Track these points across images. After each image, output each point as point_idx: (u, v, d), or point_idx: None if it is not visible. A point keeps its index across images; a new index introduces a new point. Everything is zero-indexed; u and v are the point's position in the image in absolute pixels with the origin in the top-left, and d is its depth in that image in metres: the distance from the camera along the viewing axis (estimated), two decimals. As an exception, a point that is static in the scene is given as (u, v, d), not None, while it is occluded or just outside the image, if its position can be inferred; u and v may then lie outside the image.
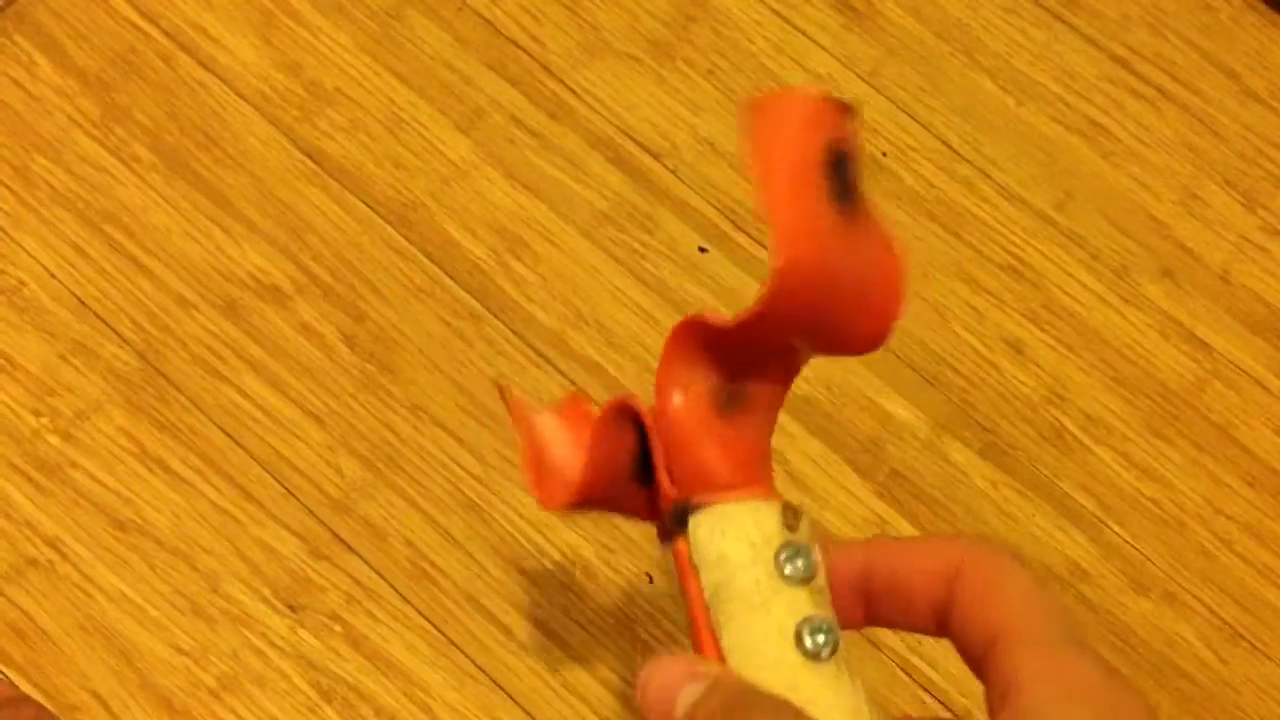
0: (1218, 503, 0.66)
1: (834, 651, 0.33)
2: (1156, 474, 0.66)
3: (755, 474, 0.35)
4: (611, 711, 0.60)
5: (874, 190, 0.69)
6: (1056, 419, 0.67)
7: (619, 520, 0.63)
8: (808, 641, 0.32)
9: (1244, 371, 0.68)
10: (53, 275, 0.65)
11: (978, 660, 0.32)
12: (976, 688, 0.32)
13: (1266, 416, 0.67)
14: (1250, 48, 0.75)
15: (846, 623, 0.34)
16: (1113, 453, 0.66)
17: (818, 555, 0.34)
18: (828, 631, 0.32)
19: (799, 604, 0.33)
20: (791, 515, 0.34)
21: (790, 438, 0.65)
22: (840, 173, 0.32)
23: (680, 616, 0.62)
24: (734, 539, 0.34)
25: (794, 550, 0.33)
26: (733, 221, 0.70)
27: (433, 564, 0.62)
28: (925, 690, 0.61)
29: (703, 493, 0.35)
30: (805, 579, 0.33)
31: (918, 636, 0.62)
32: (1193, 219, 0.71)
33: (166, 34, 0.71)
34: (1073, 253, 0.70)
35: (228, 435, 0.63)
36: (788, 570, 0.33)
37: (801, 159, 0.32)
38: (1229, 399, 0.67)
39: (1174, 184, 0.72)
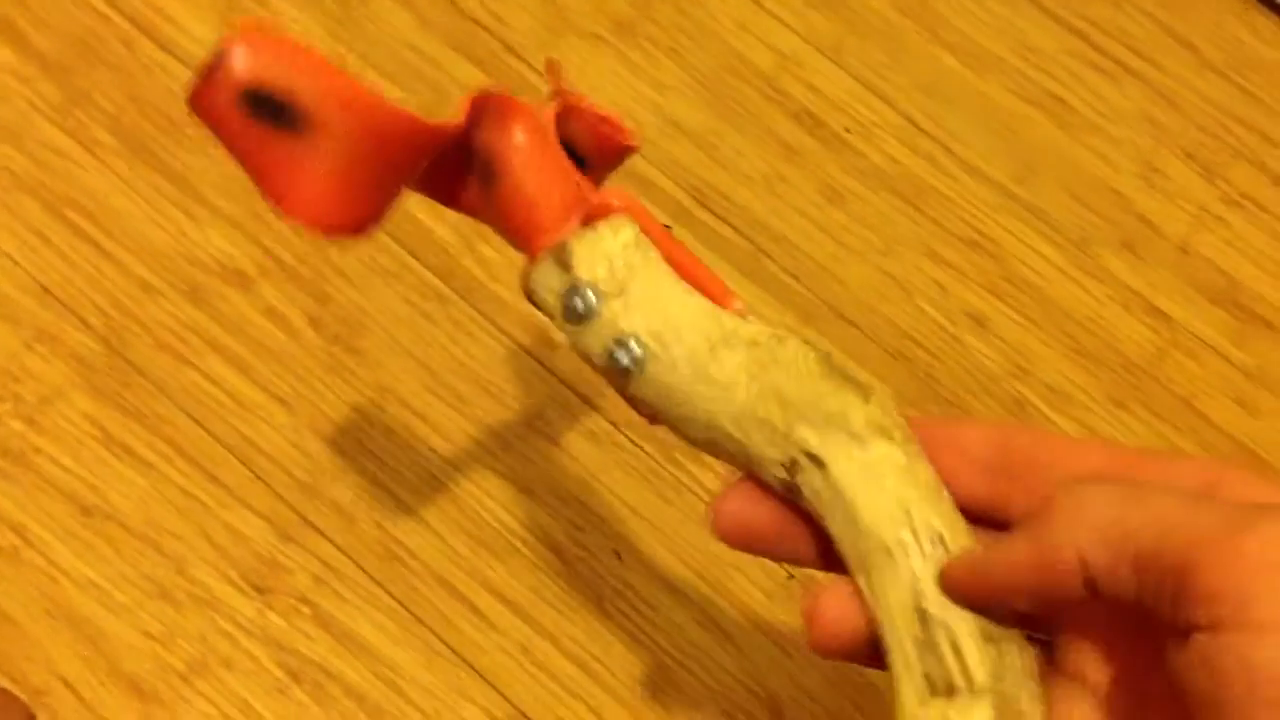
0: (1179, 472, 0.66)
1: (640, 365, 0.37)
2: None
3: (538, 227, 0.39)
4: (581, 688, 0.60)
5: (838, 165, 0.70)
6: (1019, 391, 0.67)
7: (588, 500, 0.63)
8: (621, 357, 0.37)
9: (1204, 342, 0.69)
10: (15, 262, 0.65)
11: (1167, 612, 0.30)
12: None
13: (1225, 386, 0.68)
14: (1209, 20, 0.76)
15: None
16: (1075, 424, 0.67)
17: (601, 285, 0.37)
18: (630, 347, 0.37)
19: (605, 331, 0.37)
20: (561, 253, 0.38)
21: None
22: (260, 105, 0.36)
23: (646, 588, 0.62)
24: (544, 293, 0.38)
25: (576, 294, 0.37)
26: (697, 199, 0.70)
27: (401, 544, 0.62)
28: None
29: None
30: (581, 314, 0.37)
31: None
32: (1152, 191, 0.72)
33: (127, 17, 0.70)
34: (1034, 226, 0.71)
35: (193, 419, 0.63)
36: (569, 315, 0.37)
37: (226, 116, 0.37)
38: (1189, 369, 0.68)
39: (1134, 156, 0.73)
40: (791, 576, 0.62)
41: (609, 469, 0.64)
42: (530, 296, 0.39)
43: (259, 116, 0.37)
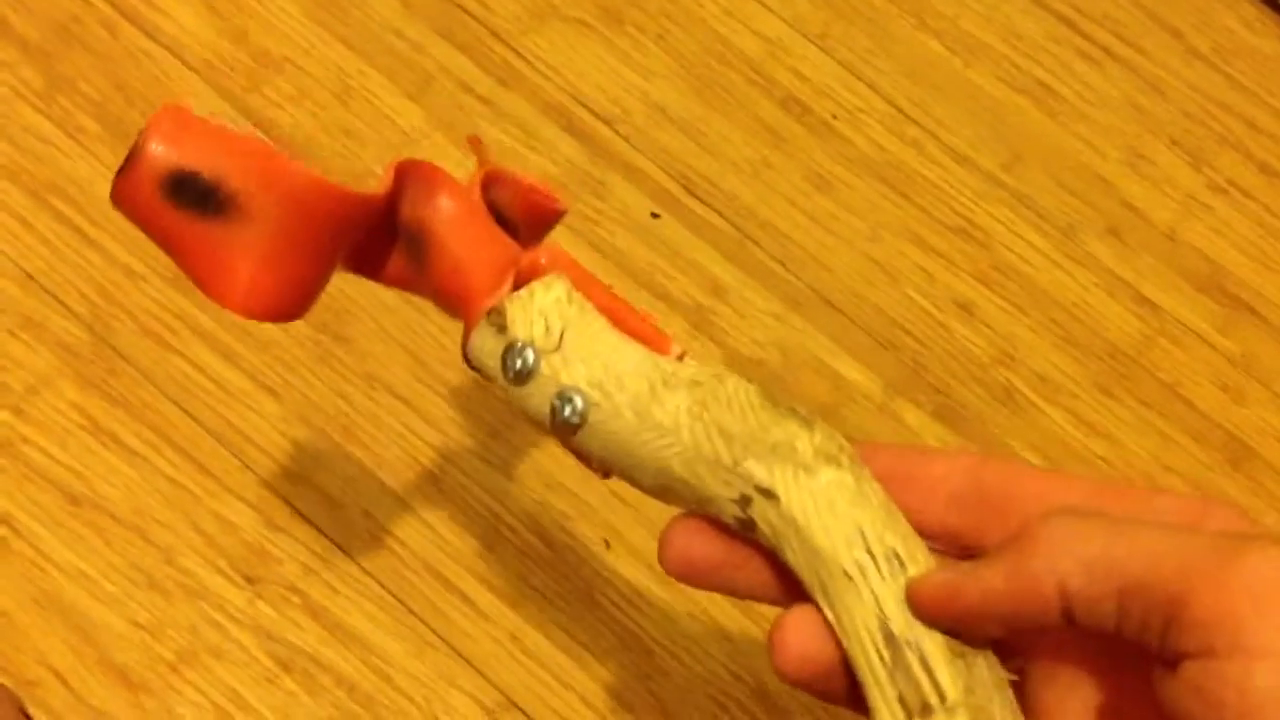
0: (1165, 459, 0.67)
1: (582, 419, 0.36)
2: (1105, 432, 0.67)
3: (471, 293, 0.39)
4: (571, 677, 0.60)
5: (825, 152, 0.70)
6: (1007, 379, 0.67)
7: (577, 489, 0.63)
8: (564, 410, 0.37)
9: (1190, 329, 0.69)
10: (-2, 249, 0.65)
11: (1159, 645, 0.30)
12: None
13: (1212, 373, 0.68)
14: (1195, 7, 0.76)
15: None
16: (1062, 411, 0.67)
17: (541, 344, 0.37)
18: (572, 400, 0.36)
19: (546, 388, 0.37)
20: (496, 316, 0.38)
21: (744, 401, 0.66)
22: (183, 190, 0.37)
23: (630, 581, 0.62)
24: (484, 358, 0.39)
25: (514, 354, 0.37)
26: (684, 186, 0.70)
27: (390, 533, 0.62)
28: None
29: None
30: (525, 374, 0.37)
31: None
32: (1139, 178, 0.72)
33: (109, 3, 0.70)
34: (1021, 213, 0.71)
35: (180, 408, 0.63)
36: (510, 375, 0.37)
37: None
38: (1175, 356, 0.69)
39: (1120, 143, 0.73)
40: (781, 564, 0.63)
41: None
42: (471, 364, 0.40)
43: (183, 203, 0.37)
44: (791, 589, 0.36)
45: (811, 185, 0.70)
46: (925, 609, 0.33)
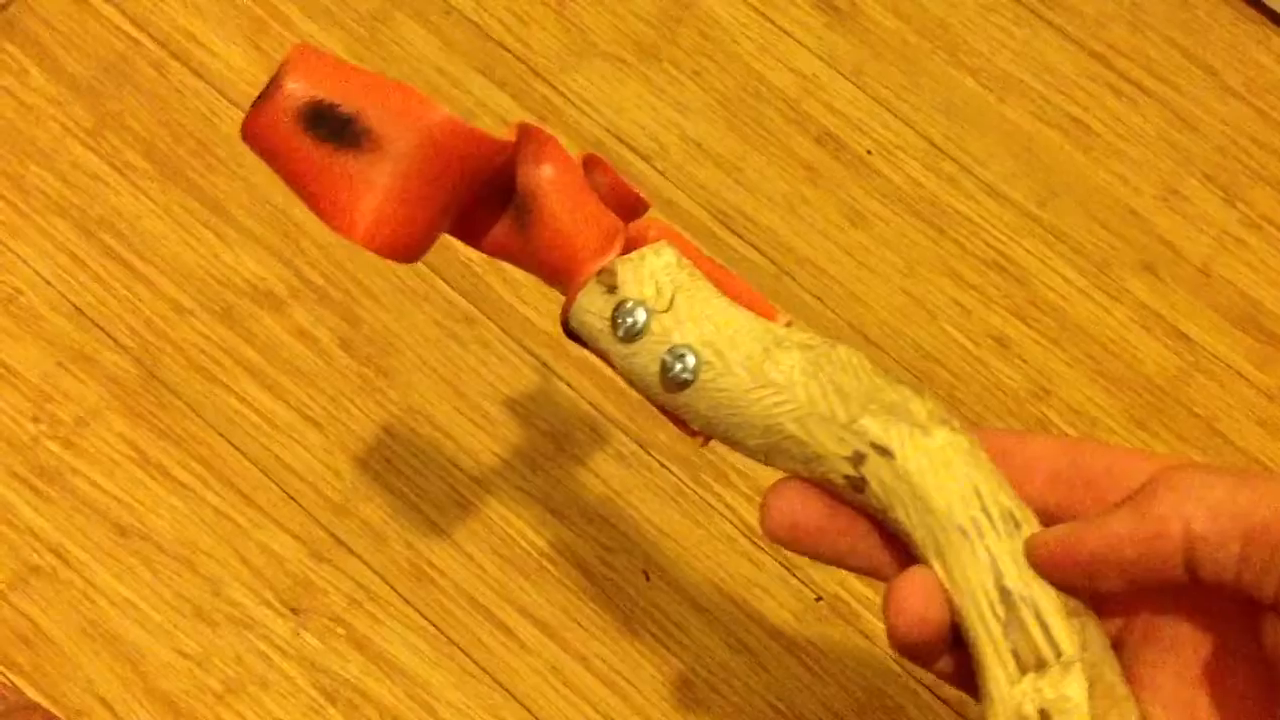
0: (1201, 493, 0.67)
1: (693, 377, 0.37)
2: (1141, 465, 0.67)
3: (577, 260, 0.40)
4: (611, 708, 0.61)
5: (860, 187, 0.71)
6: (1042, 413, 0.68)
7: (616, 521, 0.64)
8: (676, 368, 0.37)
9: (1225, 364, 0.69)
10: (49, 283, 0.66)
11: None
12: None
13: (1247, 408, 0.69)
14: (1227, 43, 0.77)
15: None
16: (1098, 445, 0.67)
17: (654, 301, 0.38)
18: (684, 358, 0.37)
19: (656, 346, 0.37)
20: (607, 276, 0.38)
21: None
22: (319, 121, 0.37)
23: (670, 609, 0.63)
24: (591, 319, 0.39)
25: (625, 313, 0.37)
26: (721, 221, 0.70)
27: (432, 565, 0.63)
28: (920, 683, 0.62)
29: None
30: (635, 333, 0.37)
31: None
32: (1173, 213, 0.73)
33: (157, 41, 0.71)
34: (1055, 248, 0.71)
35: (227, 440, 0.64)
36: (620, 332, 0.37)
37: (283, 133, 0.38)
38: (1211, 391, 0.69)
39: (1154, 179, 0.73)
40: (819, 599, 0.63)
41: (637, 490, 0.64)
42: (573, 327, 0.40)
43: (320, 134, 0.38)
44: (893, 557, 0.36)
45: (847, 220, 0.71)
46: (1046, 560, 0.33)
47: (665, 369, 0.37)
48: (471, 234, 0.42)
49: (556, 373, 0.66)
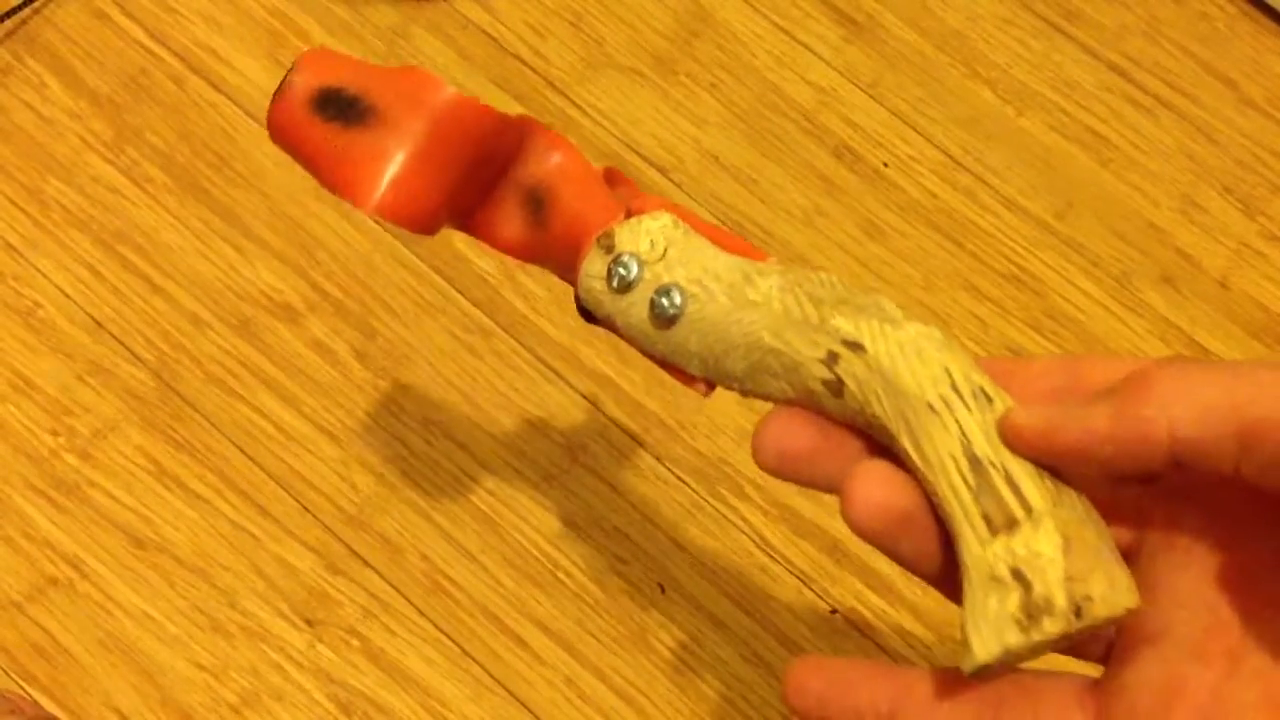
0: (1220, 507, 0.66)
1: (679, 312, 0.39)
2: (1160, 479, 0.67)
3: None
4: (626, 721, 0.61)
5: (877, 200, 0.70)
6: (1060, 426, 0.67)
7: (631, 533, 0.64)
8: (663, 304, 0.39)
9: (1245, 377, 0.69)
10: (68, 296, 0.66)
11: None
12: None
13: (1267, 421, 0.68)
14: (1247, 56, 0.76)
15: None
16: (1116, 459, 0.67)
17: (645, 255, 0.39)
18: (670, 294, 0.39)
19: (646, 290, 0.39)
20: (605, 239, 0.40)
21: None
22: (328, 104, 0.41)
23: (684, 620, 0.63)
24: (592, 281, 0.41)
25: (619, 264, 0.40)
26: (738, 234, 0.70)
27: (447, 577, 0.63)
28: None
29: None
30: (628, 282, 0.40)
31: (928, 642, 0.63)
32: (1192, 226, 0.72)
33: (177, 55, 0.71)
34: (1073, 260, 0.71)
35: (243, 452, 0.64)
36: (614, 284, 0.40)
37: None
38: (1230, 404, 0.68)
39: (1173, 191, 0.73)
40: (835, 611, 0.63)
41: (652, 503, 0.64)
42: (581, 299, 0.41)
43: (327, 115, 0.41)
44: None
45: (864, 233, 0.71)
46: (1019, 440, 0.33)
47: (654, 307, 0.39)
48: (492, 235, 0.43)
49: (572, 385, 0.66)
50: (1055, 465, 0.33)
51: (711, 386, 0.40)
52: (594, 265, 0.40)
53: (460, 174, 0.42)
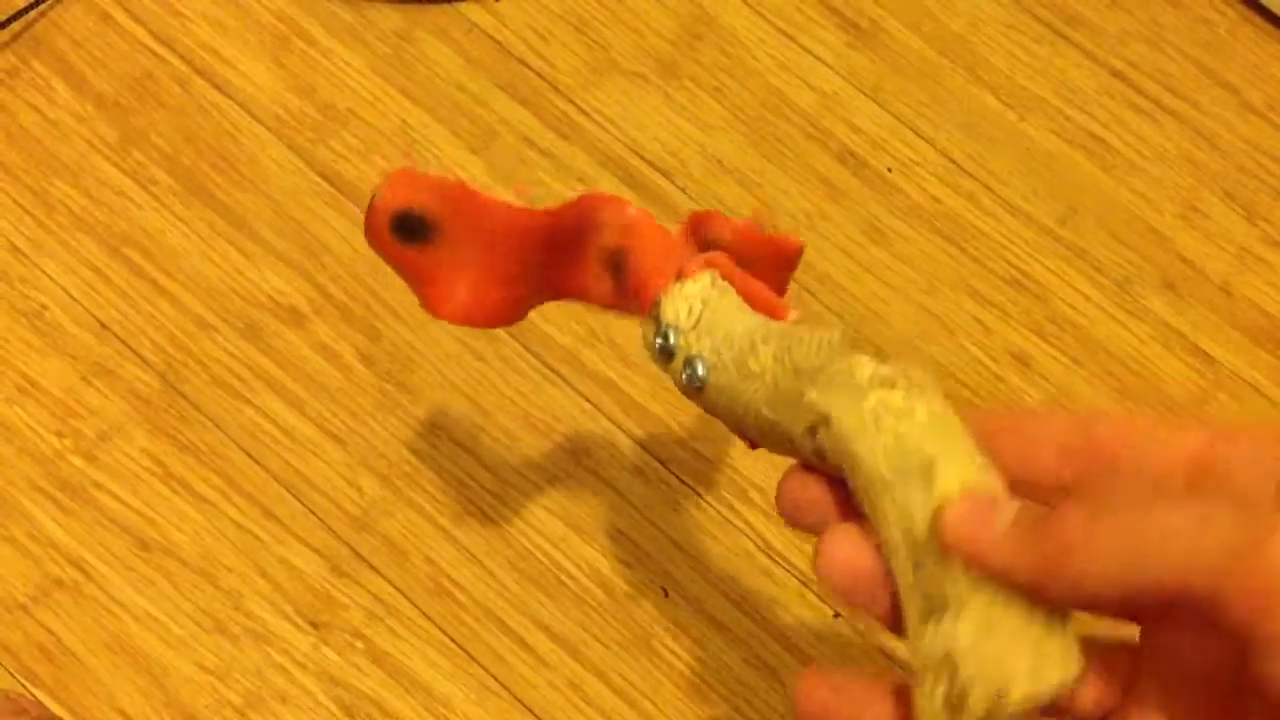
0: (1222, 512, 0.67)
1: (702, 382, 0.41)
2: (1162, 484, 0.67)
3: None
4: (630, 724, 0.61)
5: (880, 204, 0.71)
6: (1063, 430, 0.68)
7: (636, 537, 0.64)
8: (690, 375, 0.41)
9: (1247, 383, 0.69)
10: (73, 298, 0.66)
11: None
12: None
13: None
14: (1248, 61, 0.77)
15: None
16: (1119, 463, 0.67)
17: (677, 322, 0.41)
18: (695, 366, 0.41)
19: (681, 359, 0.42)
20: (655, 309, 0.42)
21: (801, 452, 0.66)
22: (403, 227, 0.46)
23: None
24: (647, 348, 0.43)
25: (661, 336, 0.42)
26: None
27: (452, 580, 0.63)
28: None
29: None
30: (669, 352, 0.42)
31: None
32: (1194, 231, 0.73)
33: (182, 58, 0.72)
34: (1076, 266, 0.71)
35: (248, 455, 0.64)
36: (659, 354, 0.42)
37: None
38: (1233, 410, 0.69)
39: (1175, 197, 0.73)
40: (838, 615, 0.63)
41: (657, 506, 0.64)
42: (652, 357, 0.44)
43: (404, 237, 0.47)
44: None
45: (867, 237, 0.71)
46: (944, 538, 0.33)
47: (685, 377, 0.41)
48: (590, 298, 0.47)
49: (577, 388, 0.66)
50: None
51: (753, 445, 0.42)
52: (647, 335, 0.43)
53: (527, 272, 0.47)
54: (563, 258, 0.46)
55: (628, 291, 0.45)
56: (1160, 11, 0.77)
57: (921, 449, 0.34)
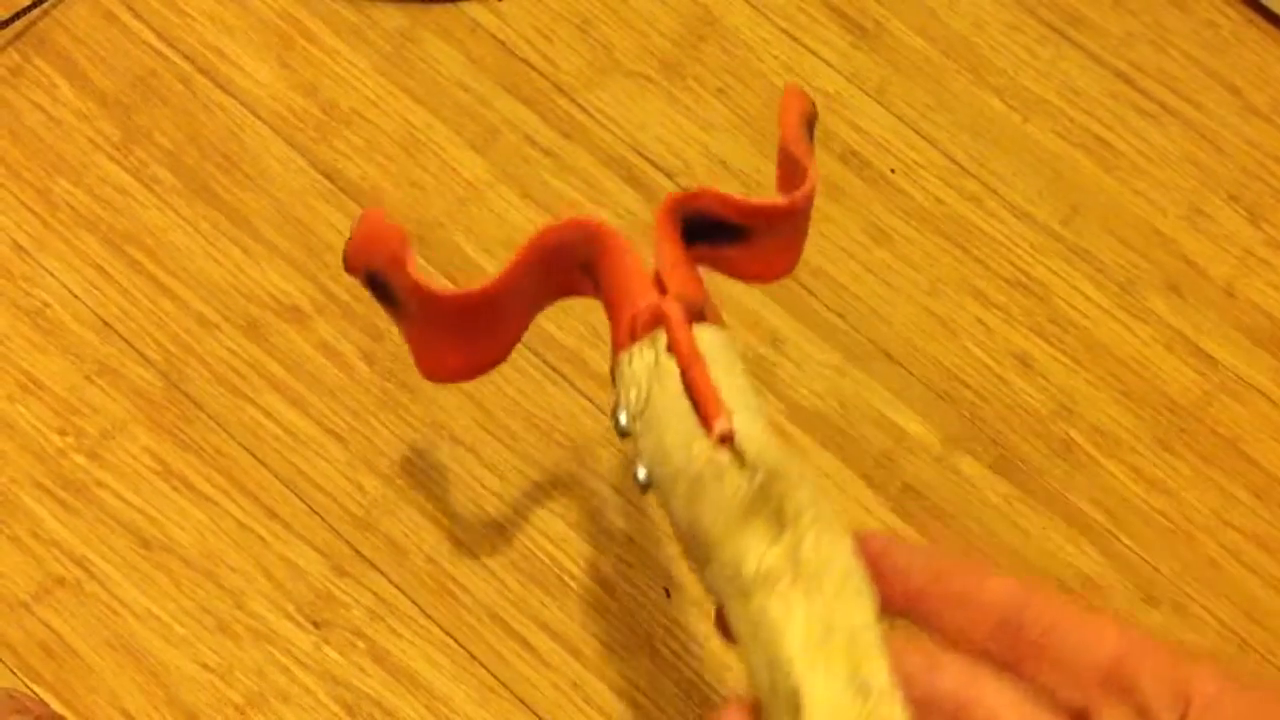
0: (1226, 515, 0.67)
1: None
2: (1165, 486, 0.67)
3: None
4: (631, 724, 0.61)
5: (883, 205, 0.71)
6: (1065, 432, 0.68)
7: (638, 538, 0.64)
8: (636, 476, 0.41)
9: (1250, 384, 0.69)
10: (76, 296, 0.66)
11: None
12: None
13: (1273, 429, 0.68)
14: (1252, 63, 0.77)
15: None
16: (1122, 466, 0.67)
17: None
18: (638, 472, 0.41)
19: (631, 452, 0.41)
20: (615, 367, 0.43)
21: (802, 451, 0.66)
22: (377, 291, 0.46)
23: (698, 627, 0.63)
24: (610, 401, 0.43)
25: (617, 412, 0.42)
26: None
27: (454, 579, 0.63)
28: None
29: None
30: (623, 433, 0.42)
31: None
32: (1197, 233, 0.72)
33: (185, 57, 0.72)
34: (1079, 267, 0.71)
35: (250, 454, 0.64)
36: (617, 429, 0.42)
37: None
38: (1235, 412, 0.69)
39: (1178, 199, 0.73)
40: (840, 615, 0.63)
41: (657, 507, 0.64)
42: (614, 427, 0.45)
43: (377, 296, 0.47)
44: None
45: (870, 238, 0.71)
46: None
47: (634, 476, 0.41)
48: (582, 293, 0.48)
49: (578, 388, 0.66)
50: None
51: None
52: (612, 398, 0.43)
53: (508, 319, 0.48)
54: (542, 285, 0.47)
55: (604, 298, 0.45)
56: (1164, 14, 0.77)
57: (790, 676, 0.33)
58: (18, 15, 0.71)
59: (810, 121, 0.50)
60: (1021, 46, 0.76)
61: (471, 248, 0.69)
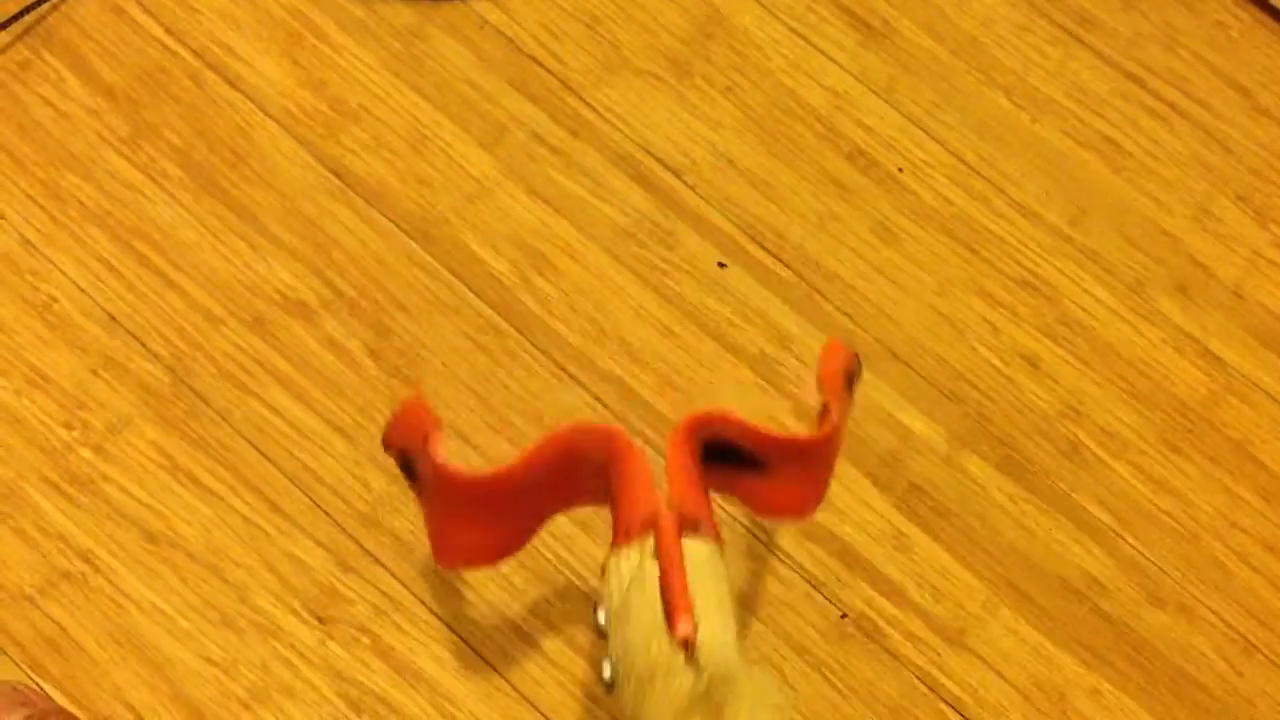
0: (1232, 516, 0.66)
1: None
2: (1172, 488, 0.67)
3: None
4: (635, 722, 0.61)
5: (891, 205, 0.70)
6: (1073, 433, 0.68)
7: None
8: (604, 674, 0.44)
9: (1258, 386, 0.69)
10: (84, 291, 0.66)
11: None
12: (995, 697, 0.33)
13: (1280, 431, 0.68)
14: (1261, 64, 0.76)
15: None
16: (1129, 467, 0.67)
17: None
18: (604, 670, 0.44)
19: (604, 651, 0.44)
20: (602, 571, 0.46)
21: (810, 451, 0.66)
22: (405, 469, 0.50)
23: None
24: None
25: (597, 613, 0.46)
26: (751, 237, 0.70)
27: (459, 576, 0.63)
28: (946, 703, 0.62)
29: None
30: (601, 632, 0.45)
31: (938, 649, 0.63)
32: (1206, 234, 0.72)
33: (194, 52, 0.72)
34: (1087, 268, 0.71)
35: (256, 449, 0.64)
36: (597, 629, 0.45)
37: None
38: (1243, 413, 0.68)
39: (1187, 199, 0.73)
40: (845, 615, 0.63)
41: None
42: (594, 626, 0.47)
43: (406, 476, 0.50)
44: None
45: (878, 238, 0.71)
46: None
47: (601, 673, 0.43)
48: (591, 502, 0.51)
49: (583, 385, 0.66)
50: None
51: None
52: (595, 598, 0.46)
53: (522, 510, 0.49)
54: (558, 483, 0.49)
55: (611, 506, 0.47)
56: (1174, 15, 0.77)
57: None
58: (27, 10, 0.71)
59: (850, 376, 0.52)
60: (1031, 46, 0.76)
61: (477, 244, 0.69)
